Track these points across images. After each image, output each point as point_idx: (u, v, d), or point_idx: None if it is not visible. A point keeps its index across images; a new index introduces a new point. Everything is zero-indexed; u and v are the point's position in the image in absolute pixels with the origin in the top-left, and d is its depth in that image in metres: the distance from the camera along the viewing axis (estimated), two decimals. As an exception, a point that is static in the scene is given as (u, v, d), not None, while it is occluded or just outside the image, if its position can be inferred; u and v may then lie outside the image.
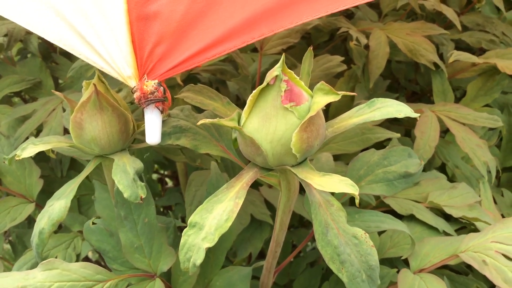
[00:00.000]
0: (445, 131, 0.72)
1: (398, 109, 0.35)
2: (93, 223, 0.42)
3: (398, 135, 0.57)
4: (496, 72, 0.71)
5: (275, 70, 0.33)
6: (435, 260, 0.44)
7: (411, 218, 0.53)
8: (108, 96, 0.39)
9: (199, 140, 0.40)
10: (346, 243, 0.34)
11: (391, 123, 0.75)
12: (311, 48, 0.38)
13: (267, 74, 0.33)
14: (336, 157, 0.62)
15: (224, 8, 0.34)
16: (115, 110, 0.39)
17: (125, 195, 0.36)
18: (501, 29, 0.78)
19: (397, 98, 0.77)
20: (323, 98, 0.33)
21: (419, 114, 0.36)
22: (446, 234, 0.51)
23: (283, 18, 0.35)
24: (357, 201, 0.30)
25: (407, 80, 0.85)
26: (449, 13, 0.71)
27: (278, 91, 0.33)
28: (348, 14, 0.81)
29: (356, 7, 0.82)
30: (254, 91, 0.33)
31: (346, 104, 0.67)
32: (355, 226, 0.44)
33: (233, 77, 0.56)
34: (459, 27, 0.71)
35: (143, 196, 0.36)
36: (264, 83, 0.33)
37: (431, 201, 0.53)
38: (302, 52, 0.77)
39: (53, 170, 0.65)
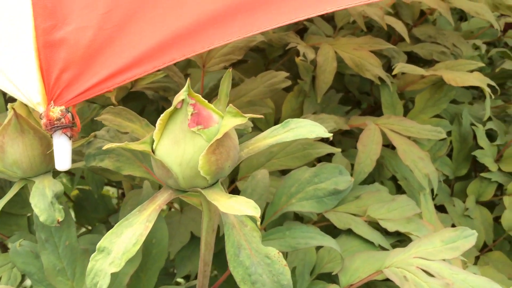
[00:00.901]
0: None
1: (310, 129, 0.36)
2: (20, 245, 0.42)
3: (339, 150, 0.57)
4: (444, 84, 0.73)
5: (181, 94, 0.33)
6: (364, 275, 0.45)
7: (349, 232, 0.54)
8: (29, 119, 0.39)
9: (122, 162, 0.40)
10: (258, 263, 0.34)
11: (343, 136, 0.76)
12: (230, 69, 0.39)
13: (175, 98, 0.34)
14: (284, 172, 0.63)
15: (134, 34, 0.35)
16: (37, 133, 0.39)
17: (41, 218, 0.36)
18: (452, 40, 0.80)
19: (349, 111, 0.78)
20: (231, 120, 0.34)
21: (331, 134, 0.36)
22: (383, 248, 0.52)
23: (194, 43, 0.35)
24: (258, 223, 0.31)
25: (363, 93, 0.87)
26: (398, 26, 0.73)
27: (185, 114, 0.33)
28: (301, 29, 0.82)
29: (311, 21, 0.83)
30: (162, 115, 0.34)
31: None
32: (285, 242, 0.44)
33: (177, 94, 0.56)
34: (408, 40, 0.73)
35: (60, 219, 0.37)
36: (172, 107, 0.33)
37: (368, 215, 0.54)
38: (256, 66, 0.78)
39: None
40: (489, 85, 0.70)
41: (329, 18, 0.86)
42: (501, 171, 0.78)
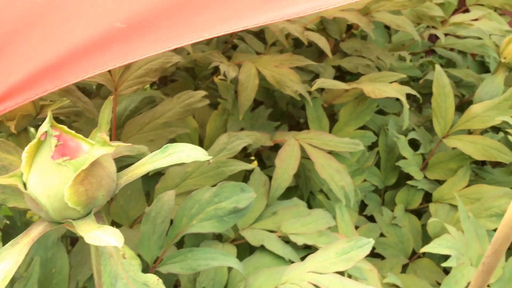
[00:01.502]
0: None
1: (189, 154, 0.37)
2: None
3: (253, 166, 0.58)
4: (366, 96, 0.75)
5: (44, 126, 0.33)
6: (265, 293, 0.45)
7: (263, 249, 0.54)
8: None
9: (7, 194, 0.39)
10: (135, 292, 0.34)
11: (271, 151, 0.77)
12: (112, 97, 0.39)
13: (38, 129, 0.34)
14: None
15: (2, 66, 0.35)
16: None
17: None
18: (376, 53, 0.82)
19: (278, 126, 0.80)
20: (99, 150, 0.34)
21: (210, 157, 0.37)
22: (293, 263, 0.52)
23: (67, 74, 0.36)
24: (121, 253, 0.31)
25: (297, 107, 0.88)
26: (321, 42, 0.75)
27: (50, 146, 0.33)
28: (232, 46, 0.83)
29: (242, 39, 0.85)
30: (27, 147, 0.34)
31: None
32: (187, 264, 0.44)
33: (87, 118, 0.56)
34: (330, 55, 0.75)
35: None
36: (35, 139, 0.33)
37: (281, 230, 0.55)
38: (185, 85, 0.78)
39: None
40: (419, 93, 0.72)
41: (259, 35, 0.87)
42: (427, 179, 0.80)
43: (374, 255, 0.76)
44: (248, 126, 0.75)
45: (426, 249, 0.62)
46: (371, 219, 0.80)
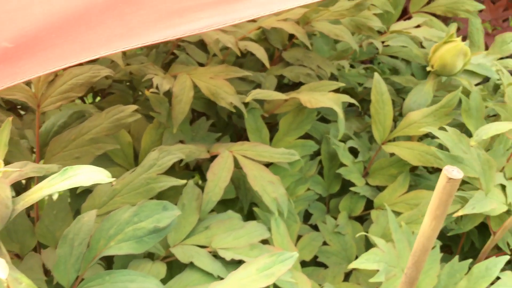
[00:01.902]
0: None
1: (90, 176, 0.35)
2: None
3: (183, 182, 0.57)
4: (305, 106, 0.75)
5: None
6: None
7: (192, 266, 0.53)
8: None
9: None
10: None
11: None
12: (10, 118, 0.38)
13: None
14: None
15: None
16: None
17: None
18: (317, 62, 0.83)
19: (219, 138, 0.79)
20: (-14, 177, 0.33)
21: (113, 179, 0.36)
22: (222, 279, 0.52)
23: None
24: (5, 284, 0.30)
25: (242, 118, 0.88)
26: (259, 53, 0.75)
27: None
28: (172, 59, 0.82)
29: (183, 49, 0.84)
30: None
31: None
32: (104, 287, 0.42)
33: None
34: (267, 65, 0.75)
35: None
36: None
37: (211, 245, 0.54)
38: (122, 98, 0.77)
39: None
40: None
41: (202, 46, 0.87)
42: (369, 186, 0.81)
43: (317, 264, 0.77)
44: (188, 138, 0.74)
45: (354, 265, 0.62)
46: (317, 228, 0.80)
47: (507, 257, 0.66)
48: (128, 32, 0.35)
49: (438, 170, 0.90)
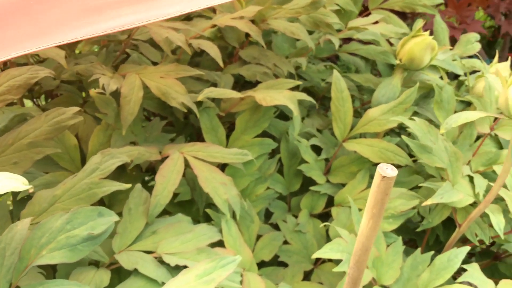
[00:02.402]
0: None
1: (3, 184, 0.33)
2: None
3: (128, 186, 0.55)
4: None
5: None
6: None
7: (137, 272, 0.51)
8: None
9: None
10: None
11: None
12: None
13: None
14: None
15: None
16: None
17: None
18: (274, 61, 0.82)
19: (174, 138, 0.77)
20: None
21: (30, 186, 0.34)
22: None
23: None
24: None
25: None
26: (212, 51, 0.73)
27: None
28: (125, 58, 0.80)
29: (136, 48, 0.82)
30: None
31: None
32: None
33: None
34: (221, 64, 0.73)
35: None
36: None
37: (157, 251, 0.52)
38: (70, 99, 0.74)
39: None
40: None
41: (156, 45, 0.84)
42: (330, 183, 0.80)
43: (279, 263, 0.76)
44: (141, 139, 0.72)
45: (317, 254, 0.61)
46: (278, 227, 0.79)
47: (468, 248, 0.66)
48: (41, 31, 0.33)
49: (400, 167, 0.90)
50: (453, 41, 1.73)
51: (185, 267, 0.53)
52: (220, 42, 0.85)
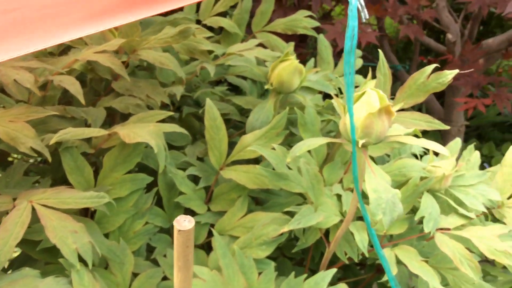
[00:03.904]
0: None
1: None
2: None
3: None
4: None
5: None
6: None
7: None
8: None
9: None
10: None
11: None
12: None
13: None
14: None
15: None
16: None
17: None
18: (147, 92, 0.80)
19: (37, 181, 0.73)
20: None
21: None
22: None
23: None
24: None
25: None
26: (73, 88, 0.70)
27: None
28: None
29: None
30: None
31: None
32: None
33: None
34: (82, 101, 0.70)
35: None
36: None
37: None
38: None
39: None
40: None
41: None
42: (211, 212, 0.80)
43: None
44: (2, 185, 0.68)
45: None
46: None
47: (334, 270, 0.68)
48: None
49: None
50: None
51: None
52: (93, 75, 0.83)
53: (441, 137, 1.80)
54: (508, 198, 0.77)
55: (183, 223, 0.37)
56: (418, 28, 1.58)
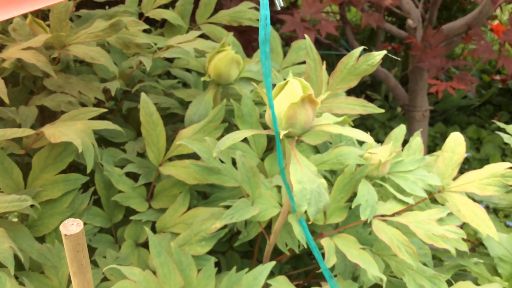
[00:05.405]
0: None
1: None
2: None
3: None
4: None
5: None
6: None
7: None
8: None
9: None
10: None
11: None
12: None
13: None
14: None
15: None
16: None
17: None
18: (79, 88, 0.78)
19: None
20: None
21: None
22: None
23: None
24: None
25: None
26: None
27: None
28: None
29: None
30: None
31: None
32: None
33: None
34: (6, 101, 0.68)
35: None
36: None
37: None
38: None
39: None
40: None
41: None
42: (153, 209, 0.78)
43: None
44: None
45: None
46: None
47: (272, 263, 0.67)
48: None
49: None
50: (317, 42, 1.79)
51: None
52: (25, 73, 0.80)
53: (407, 122, 1.81)
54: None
55: (70, 227, 0.35)
56: (379, 16, 1.57)
